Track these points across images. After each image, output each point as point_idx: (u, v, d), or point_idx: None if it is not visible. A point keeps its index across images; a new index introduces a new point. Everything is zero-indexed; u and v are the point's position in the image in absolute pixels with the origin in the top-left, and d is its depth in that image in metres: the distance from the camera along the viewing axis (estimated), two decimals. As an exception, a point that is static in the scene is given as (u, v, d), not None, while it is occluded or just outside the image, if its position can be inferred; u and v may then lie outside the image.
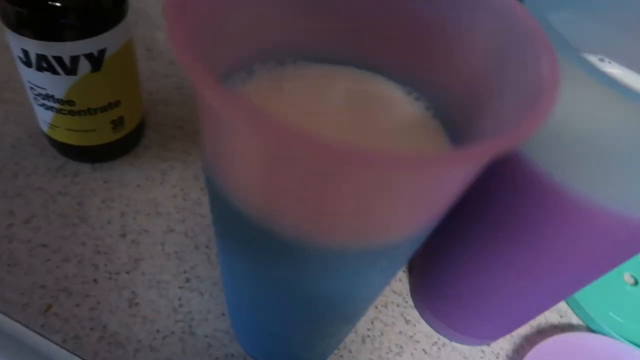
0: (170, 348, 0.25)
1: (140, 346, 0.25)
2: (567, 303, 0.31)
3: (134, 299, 0.27)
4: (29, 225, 0.28)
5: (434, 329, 0.28)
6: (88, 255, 0.28)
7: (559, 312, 0.30)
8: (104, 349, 0.25)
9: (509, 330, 0.27)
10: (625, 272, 0.32)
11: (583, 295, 0.30)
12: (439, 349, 0.27)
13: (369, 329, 0.28)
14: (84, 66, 0.26)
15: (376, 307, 0.28)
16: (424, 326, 0.28)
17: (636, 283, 0.32)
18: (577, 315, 0.30)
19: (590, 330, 0.30)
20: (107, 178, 0.31)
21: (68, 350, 0.24)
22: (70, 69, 0.25)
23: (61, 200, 0.30)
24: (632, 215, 0.16)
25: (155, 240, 0.29)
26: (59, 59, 0.25)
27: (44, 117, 0.29)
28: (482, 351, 0.28)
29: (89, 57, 0.25)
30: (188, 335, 0.26)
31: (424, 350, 0.27)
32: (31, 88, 0.27)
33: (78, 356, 0.24)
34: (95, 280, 0.27)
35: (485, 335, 0.27)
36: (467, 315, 0.26)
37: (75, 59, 0.25)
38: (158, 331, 0.26)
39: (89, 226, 0.29)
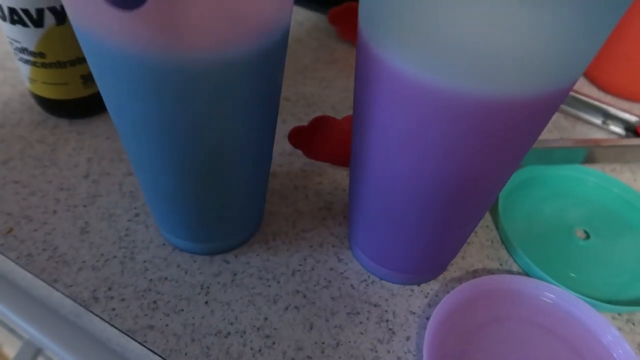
0: (110, 269, 0.28)
1: (84, 266, 0.28)
2: (509, 252, 0.30)
3: (85, 228, 0.29)
4: (6, 165, 0.32)
5: (366, 268, 0.29)
6: (52, 191, 0.31)
7: (499, 260, 0.30)
8: (51, 267, 0.27)
9: (434, 261, 0.27)
10: (576, 228, 0.32)
11: (526, 246, 0.30)
12: (367, 285, 0.28)
13: (300, 264, 0.29)
14: (49, 19, 0.29)
15: (311, 247, 0.30)
16: (355, 265, 0.29)
17: (588, 237, 0.31)
18: (517, 264, 0.30)
19: (529, 278, 0.29)
20: (81, 131, 0.35)
21: (20, 266, 0.27)
22: (37, 21, 0.29)
23: (38, 147, 0.33)
24: (469, 93, 0.17)
25: (115, 181, 0.32)
26: (26, 12, 0.29)
27: (25, 72, 0.32)
28: (412, 290, 0.28)
29: (53, 10, 0.29)
30: (128, 259, 0.28)
31: (352, 285, 0.28)
32: (11, 43, 0.31)
33: (29, 271, 0.27)
34: (54, 211, 0.30)
35: (412, 270, 0.28)
36: (385, 246, 0.27)
37: (40, 12, 0.29)
38: (102, 255, 0.28)
39: (58, 168, 0.32)
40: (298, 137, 0.31)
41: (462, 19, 0.16)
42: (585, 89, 0.44)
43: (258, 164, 0.25)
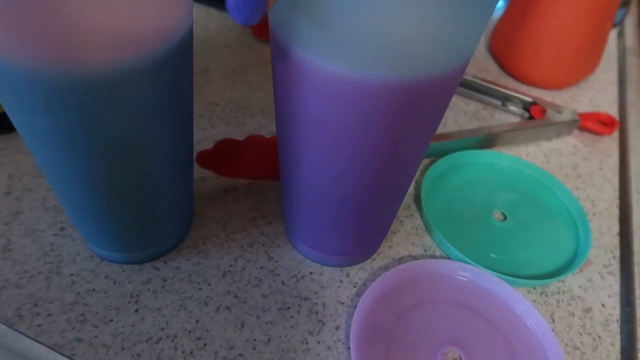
0: (35, 285, 0.27)
1: (7, 284, 0.27)
2: (432, 238, 0.32)
3: (7, 246, 0.29)
4: None
5: (306, 256, 0.30)
6: (-30, 210, 0.30)
7: (423, 247, 0.32)
8: (-29, 288, 0.27)
9: (365, 242, 0.28)
10: (494, 210, 0.34)
11: (448, 231, 0.32)
12: (297, 280, 0.29)
13: (231, 265, 0.29)
14: None
15: (242, 247, 0.30)
16: (286, 262, 0.30)
17: (505, 219, 0.33)
18: (440, 249, 0.31)
19: (452, 261, 0.31)
20: (1, 147, 0.34)
21: (-63, 289, 0.26)
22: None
23: (-47, 166, 0.32)
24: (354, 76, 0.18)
25: (37, 197, 0.31)
26: None
27: None
28: (340, 281, 0.29)
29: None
30: (54, 274, 0.28)
31: (282, 282, 0.29)
32: None
33: (-53, 295, 0.26)
34: (-27, 231, 0.29)
35: (347, 252, 0.28)
36: (321, 232, 0.27)
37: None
38: (26, 271, 0.28)
39: (-24, 187, 0.31)
40: (204, 160, 0.31)
41: (362, 12, 0.17)
42: (503, 79, 0.46)
43: (176, 171, 0.25)
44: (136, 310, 0.27)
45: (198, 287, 0.28)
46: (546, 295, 0.30)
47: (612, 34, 0.53)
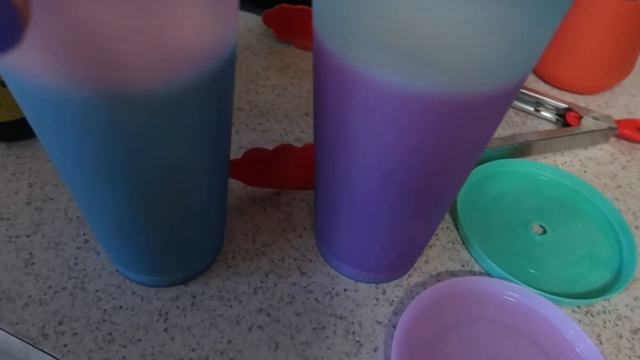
0: (60, 302, 0.26)
1: (30, 300, 0.26)
2: (470, 253, 0.31)
3: (30, 259, 0.28)
4: (-63, 197, 0.30)
5: (339, 271, 0.28)
6: (-9, 221, 0.29)
7: (461, 262, 0.30)
8: (-7, 304, 0.26)
9: (404, 258, 0.27)
10: (533, 223, 0.32)
11: (486, 245, 0.31)
12: (331, 297, 0.28)
13: (262, 281, 0.28)
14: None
15: (272, 262, 0.29)
16: (319, 277, 0.29)
17: (544, 232, 0.32)
18: (479, 264, 0.30)
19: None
20: (20, 154, 0.33)
21: (-42, 306, 0.25)
22: (-38, 41, 0.27)
23: (-28, 174, 0.31)
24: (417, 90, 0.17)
25: (59, 207, 0.30)
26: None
27: (-46, 95, 0.30)
28: (377, 299, 0.28)
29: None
30: (79, 290, 0.27)
31: (316, 299, 0.28)
32: None
33: (-32, 311, 0.25)
34: (-6, 244, 0.28)
35: (382, 268, 0.27)
36: (358, 247, 0.26)
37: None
38: (50, 287, 0.26)
39: (-4, 196, 0.30)
40: (233, 170, 0.30)
41: (415, 19, 0.16)
42: (534, 84, 0.45)
43: (214, 188, 0.24)
44: (165, 330, 0.25)
45: (229, 304, 0.27)
46: (592, 315, 0.28)
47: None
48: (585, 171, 0.37)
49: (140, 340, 0.25)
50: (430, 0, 0.15)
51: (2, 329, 0.25)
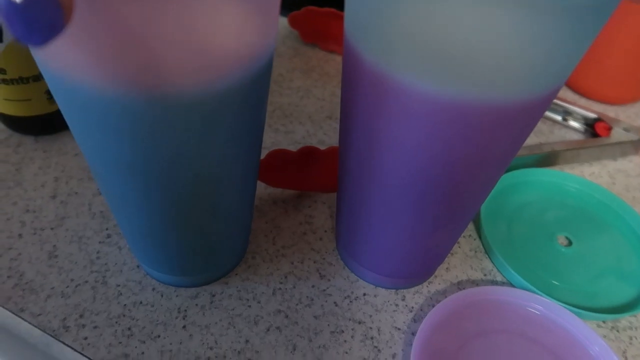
0: (81, 295, 0.26)
1: (53, 292, 0.26)
2: (493, 262, 0.30)
3: (53, 252, 0.28)
4: (-33, 187, 0.30)
5: (359, 276, 0.28)
6: (17, 213, 0.29)
7: (483, 271, 0.30)
8: (17, 295, 0.26)
9: (424, 266, 0.27)
10: (558, 234, 0.32)
11: (509, 255, 0.30)
12: (350, 302, 0.27)
13: (281, 282, 0.28)
14: (9, 34, 0.28)
15: (292, 263, 0.29)
16: (338, 281, 0.28)
17: (570, 244, 0.31)
18: (501, 274, 0.30)
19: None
20: (47, 148, 0.33)
21: (-17, 295, 0.26)
22: (-4, 36, 0.28)
23: (1, 166, 0.32)
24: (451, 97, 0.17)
25: (84, 201, 0.30)
26: (-16, 26, 0.27)
27: (-15, 89, 0.31)
28: (396, 305, 0.28)
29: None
30: (100, 284, 0.27)
31: (335, 302, 0.27)
32: (-31, 59, 0.29)
33: (-7, 301, 0.26)
34: (20, 235, 0.28)
35: (402, 274, 0.27)
36: (378, 252, 0.26)
37: (-1, 26, 0.27)
38: (72, 280, 0.27)
39: (23, 189, 0.31)
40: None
41: (453, 26, 0.15)
42: (562, 92, 0.44)
43: (245, 190, 0.24)
44: (184, 327, 0.25)
45: (247, 304, 0.27)
46: (617, 331, 0.28)
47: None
48: (614, 183, 0.36)
49: (159, 336, 0.25)
50: (468, 9, 0.15)
51: (25, 320, 0.25)
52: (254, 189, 0.25)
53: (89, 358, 0.24)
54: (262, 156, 0.30)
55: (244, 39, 0.17)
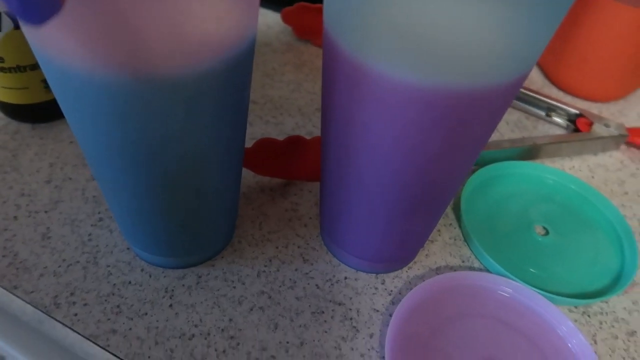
0: (73, 275, 0.27)
1: (45, 272, 0.27)
2: (471, 249, 0.31)
3: (47, 234, 0.29)
4: (-35, 171, 0.31)
5: (341, 261, 0.29)
6: (13, 197, 0.31)
7: (461, 258, 0.31)
8: (11, 273, 0.27)
9: (404, 250, 0.28)
10: (536, 224, 0.33)
11: (487, 243, 0.31)
12: (332, 284, 0.29)
13: (265, 265, 0.29)
14: (7, 23, 0.29)
15: (277, 248, 0.30)
16: (321, 265, 0.29)
17: (547, 233, 0.32)
18: (479, 260, 0.31)
19: (490, 274, 0.30)
20: (43, 135, 0.34)
21: (-21, 273, 0.27)
22: (-6, 25, 0.29)
23: (-2, 152, 0.33)
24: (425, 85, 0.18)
25: (77, 186, 0.32)
26: (-17, 16, 0.28)
27: (-16, 77, 0.32)
28: (376, 288, 0.29)
29: (10, 14, 0.29)
30: (91, 264, 0.28)
31: (316, 285, 0.28)
32: (-32, 47, 0.30)
33: (-12, 279, 0.27)
34: (15, 217, 0.30)
35: (384, 259, 0.28)
36: (359, 237, 0.27)
37: (-3, 16, 0.28)
38: (64, 260, 0.28)
39: (19, 174, 0.32)
40: (244, 158, 0.31)
41: (425, 18, 0.17)
42: (547, 89, 0.45)
43: (228, 176, 0.25)
44: (170, 305, 0.27)
45: (232, 285, 0.28)
46: (588, 316, 0.29)
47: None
48: (593, 177, 0.37)
49: (146, 314, 0.26)
50: (437, 2, 0.16)
51: (18, 297, 0.26)
52: (238, 173, 0.26)
53: (78, 333, 0.25)
54: (250, 145, 0.31)
55: (226, 24, 0.18)
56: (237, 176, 0.27)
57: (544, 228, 0.33)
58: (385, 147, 0.21)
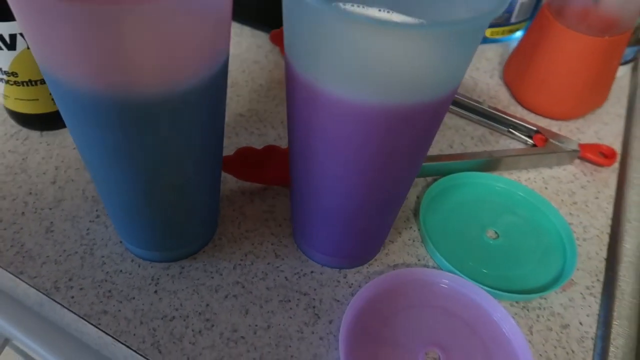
0: (71, 263, 0.31)
1: (48, 260, 0.31)
2: (427, 250, 0.35)
3: (50, 227, 0.33)
4: (-20, 172, 0.36)
5: (310, 257, 0.33)
6: (21, 195, 0.35)
7: (417, 257, 0.34)
8: (18, 261, 0.31)
9: (362, 248, 0.32)
10: (488, 228, 0.36)
11: (442, 244, 0.35)
12: (299, 277, 0.32)
13: (241, 260, 0.33)
14: (21, 43, 0.33)
15: (253, 244, 0.34)
16: (291, 260, 0.33)
17: (498, 237, 0.36)
18: (432, 259, 0.34)
19: (442, 271, 0.34)
20: (50, 142, 0.39)
21: (-10, 260, 0.31)
22: (10, 45, 0.33)
23: (10, 156, 0.37)
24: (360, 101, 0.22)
25: (79, 187, 0.36)
26: (1, 37, 0.33)
27: (0, 89, 0.36)
28: (338, 281, 0.32)
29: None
30: (88, 255, 0.32)
31: (285, 277, 0.32)
32: (-13, 64, 0.35)
33: (-2, 265, 0.31)
34: (23, 213, 0.34)
35: (345, 255, 0.32)
36: (321, 236, 0.31)
37: (13, 37, 0.33)
38: (64, 250, 0.32)
39: (27, 175, 0.36)
40: (227, 165, 0.35)
41: (359, 48, 0.21)
42: (512, 108, 0.49)
43: (210, 175, 0.29)
44: (155, 292, 0.30)
45: (211, 276, 0.32)
46: (527, 310, 0.32)
47: (627, 69, 0.55)
48: (546, 188, 0.41)
49: (134, 298, 0.30)
50: (369, 38, 0.20)
51: (23, 281, 0.30)
52: (216, 177, 0.30)
53: (74, 313, 0.29)
54: (232, 153, 0.35)
55: (201, 51, 0.22)
56: (216, 180, 0.31)
57: (496, 232, 0.36)
58: (336, 157, 0.25)
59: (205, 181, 0.29)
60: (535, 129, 0.44)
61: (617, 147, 0.46)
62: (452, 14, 0.25)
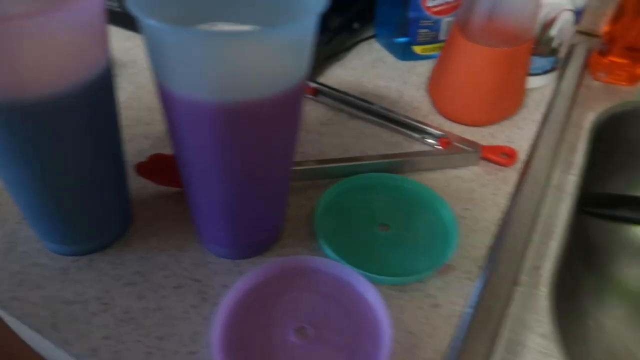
0: (-7, 258, 0.35)
1: (-27, 256, 0.35)
2: (319, 244, 0.38)
3: (-20, 229, 0.37)
4: None
5: (208, 249, 0.37)
6: (-40, 202, 0.39)
7: (308, 249, 0.38)
8: (-53, 256, 0.35)
9: (251, 240, 0.35)
10: (380, 223, 0.39)
11: (333, 238, 0.38)
12: (196, 267, 0.36)
13: (146, 253, 0.36)
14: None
15: (160, 240, 0.37)
16: (191, 253, 0.37)
17: (389, 229, 0.39)
18: (322, 251, 0.37)
19: (330, 260, 0.37)
20: None
21: None
22: None
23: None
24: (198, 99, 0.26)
25: (7, 195, 0.40)
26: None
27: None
28: (230, 270, 0.36)
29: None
30: (10, 251, 0.36)
31: (184, 267, 0.36)
32: None
33: None
34: (-42, 217, 0.38)
35: (238, 245, 0.35)
36: (214, 230, 0.34)
37: None
38: (-11, 248, 0.36)
39: (-32, 185, 0.41)
40: (140, 170, 0.39)
41: (200, 56, 0.25)
42: (431, 116, 0.52)
43: (108, 176, 0.33)
44: (62, 281, 0.34)
45: (115, 267, 0.35)
46: (403, 292, 0.35)
47: (549, 78, 0.58)
48: (447, 186, 0.44)
49: (42, 287, 0.34)
50: (206, 47, 0.24)
51: (-52, 273, 0.34)
52: (116, 177, 0.34)
53: (-12, 299, 0.33)
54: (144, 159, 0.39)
55: (78, 58, 0.26)
56: (118, 180, 0.35)
57: (387, 225, 0.39)
58: (200, 156, 0.29)
59: (104, 180, 0.33)
60: (441, 133, 0.47)
61: (525, 149, 0.49)
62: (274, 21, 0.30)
